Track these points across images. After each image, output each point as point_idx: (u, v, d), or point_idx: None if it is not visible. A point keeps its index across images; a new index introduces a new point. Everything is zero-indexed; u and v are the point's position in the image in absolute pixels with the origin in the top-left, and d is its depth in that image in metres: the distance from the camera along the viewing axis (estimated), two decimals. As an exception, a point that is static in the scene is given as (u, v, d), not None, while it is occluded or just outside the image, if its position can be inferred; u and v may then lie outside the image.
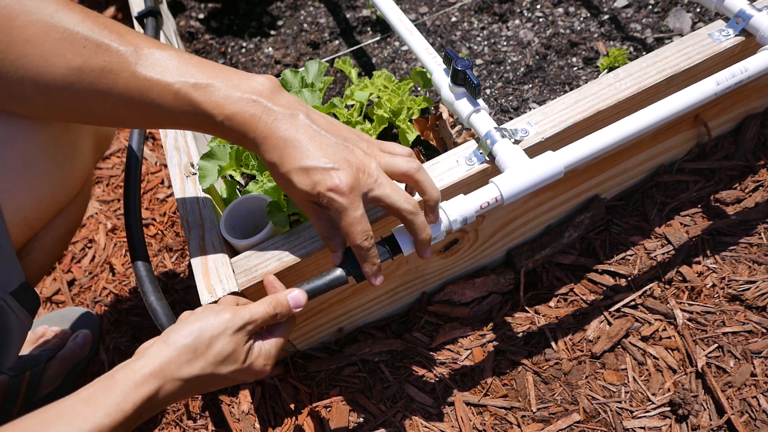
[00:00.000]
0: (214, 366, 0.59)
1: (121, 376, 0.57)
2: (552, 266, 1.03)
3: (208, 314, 0.61)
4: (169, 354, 0.58)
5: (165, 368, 0.58)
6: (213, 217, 0.82)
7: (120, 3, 1.79)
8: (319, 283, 0.67)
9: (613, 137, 0.72)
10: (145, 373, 0.57)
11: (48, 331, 1.09)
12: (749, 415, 0.84)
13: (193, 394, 0.62)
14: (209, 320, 0.60)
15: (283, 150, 0.62)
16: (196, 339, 0.59)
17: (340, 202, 0.61)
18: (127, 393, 0.56)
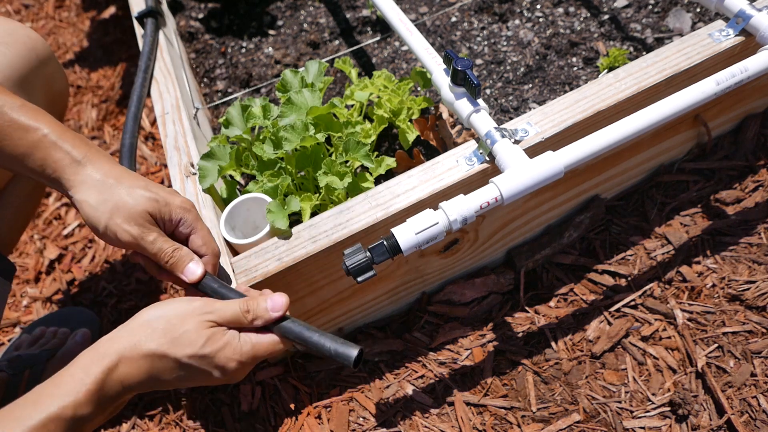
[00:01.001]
0: (170, 345, 0.57)
1: (83, 355, 0.56)
2: (552, 266, 1.03)
3: (180, 300, 0.61)
4: (130, 328, 0.58)
5: (124, 341, 0.57)
6: (213, 217, 0.82)
7: (120, 3, 1.79)
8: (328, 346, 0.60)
9: (613, 137, 0.72)
10: (106, 347, 0.56)
11: (47, 331, 1.09)
12: (749, 415, 0.84)
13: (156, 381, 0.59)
14: (179, 304, 0.60)
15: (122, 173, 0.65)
16: (159, 318, 0.58)
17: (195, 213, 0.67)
18: (87, 367, 0.55)
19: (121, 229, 0.62)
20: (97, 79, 1.63)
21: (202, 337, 0.58)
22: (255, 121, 0.90)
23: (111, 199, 0.62)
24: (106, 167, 0.64)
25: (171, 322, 0.58)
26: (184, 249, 0.66)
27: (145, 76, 0.99)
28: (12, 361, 1.01)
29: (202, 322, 0.59)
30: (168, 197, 0.65)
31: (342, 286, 0.87)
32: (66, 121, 1.54)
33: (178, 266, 0.65)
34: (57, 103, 0.89)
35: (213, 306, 0.60)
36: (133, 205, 0.62)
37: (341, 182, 0.82)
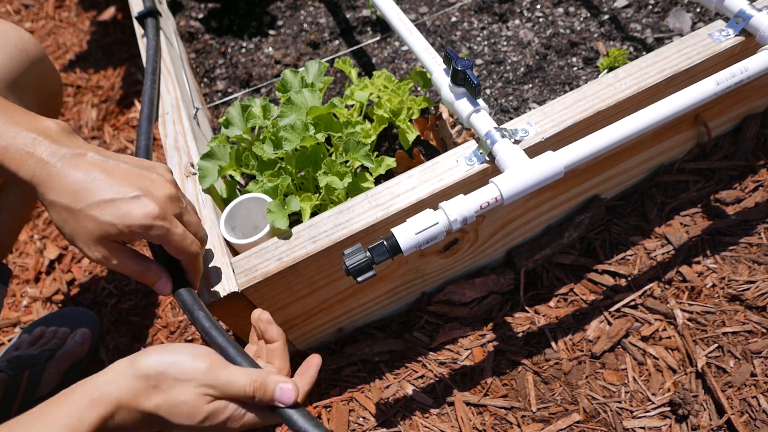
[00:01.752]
0: (168, 410, 0.54)
1: (80, 392, 0.54)
2: (552, 266, 1.03)
3: (185, 352, 0.57)
4: (130, 378, 0.55)
5: (123, 393, 0.54)
6: (213, 217, 0.82)
7: (120, 3, 1.79)
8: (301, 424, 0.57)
9: (613, 137, 0.72)
10: (103, 392, 0.53)
11: (47, 331, 1.09)
12: (749, 415, 0.84)
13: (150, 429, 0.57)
14: (183, 359, 0.56)
15: (76, 187, 0.57)
16: (161, 373, 0.55)
17: (160, 226, 0.59)
18: (81, 413, 0.52)
19: (86, 252, 0.59)
20: (97, 79, 1.63)
21: (201, 413, 0.55)
22: (255, 121, 0.90)
23: (68, 222, 0.58)
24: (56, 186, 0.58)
25: (170, 384, 0.55)
26: (152, 267, 0.63)
27: (154, 78, 0.99)
28: (12, 362, 1.01)
29: (202, 396, 0.55)
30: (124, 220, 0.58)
31: (342, 286, 0.87)
32: (66, 121, 1.54)
33: (149, 283, 0.64)
34: (51, 103, 0.89)
35: (218, 379, 0.56)
36: (90, 229, 0.58)
37: (341, 182, 0.82)
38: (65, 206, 0.58)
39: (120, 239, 0.60)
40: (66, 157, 0.58)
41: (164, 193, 0.61)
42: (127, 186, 0.59)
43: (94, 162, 0.60)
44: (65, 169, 0.58)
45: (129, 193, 0.59)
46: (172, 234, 0.61)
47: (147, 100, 0.94)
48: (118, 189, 0.59)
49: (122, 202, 0.58)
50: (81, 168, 0.58)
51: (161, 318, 1.14)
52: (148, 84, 0.97)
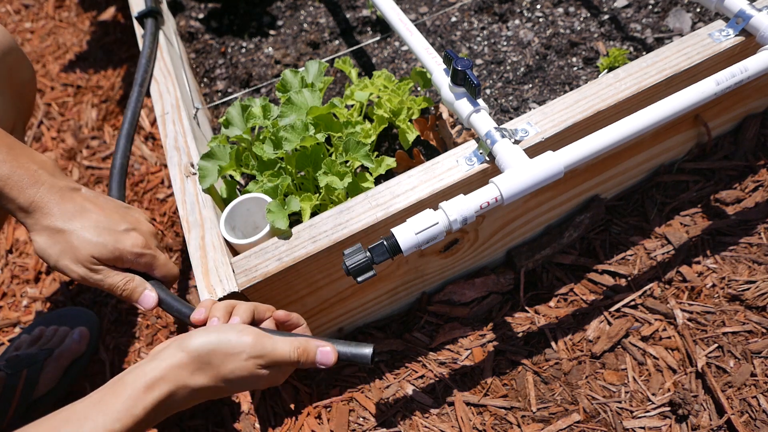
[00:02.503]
0: (225, 382, 0.59)
1: (131, 379, 0.56)
2: (552, 266, 1.03)
3: (228, 330, 0.60)
4: (181, 359, 0.58)
5: (177, 374, 0.57)
6: (213, 217, 0.82)
7: (120, 3, 1.79)
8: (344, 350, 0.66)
9: (613, 137, 0.72)
10: (155, 376, 0.56)
11: (47, 330, 1.09)
12: (749, 415, 0.84)
13: (203, 400, 0.61)
14: (229, 336, 0.60)
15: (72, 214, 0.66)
16: (211, 351, 0.58)
17: (150, 254, 0.70)
18: (137, 396, 0.55)
19: (69, 269, 0.66)
20: (97, 79, 1.63)
21: (253, 379, 0.60)
22: (255, 121, 0.90)
23: (58, 243, 0.65)
24: (54, 211, 0.66)
25: (221, 360, 0.59)
26: (135, 279, 0.69)
27: (141, 90, 0.98)
28: (10, 361, 1.01)
29: (253, 365, 0.60)
30: (116, 243, 0.67)
31: (342, 286, 0.87)
32: (66, 121, 1.54)
33: (132, 297, 0.69)
34: (23, 92, 0.89)
35: (264, 347, 0.60)
36: (80, 248, 0.65)
37: (341, 182, 0.82)
38: (59, 229, 0.65)
39: (107, 261, 0.67)
40: (63, 190, 0.67)
41: (148, 229, 0.72)
42: (118, 220, 0.68)
43: (87, 197, 0.69)
44: (63, 199, 0.66)
45: (120, 225, 0.68)
46: (158, 259, 0.71)
47: (130, 115, 0.93)
48: (110, 221, 0.68)
49: (115, 232, 0.67)
50: (77, 201, 0.67)
51: (161, 318, 1.14)
52: (134, 97, 0.97)
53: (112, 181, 0.84)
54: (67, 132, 1.52)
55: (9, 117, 0.83)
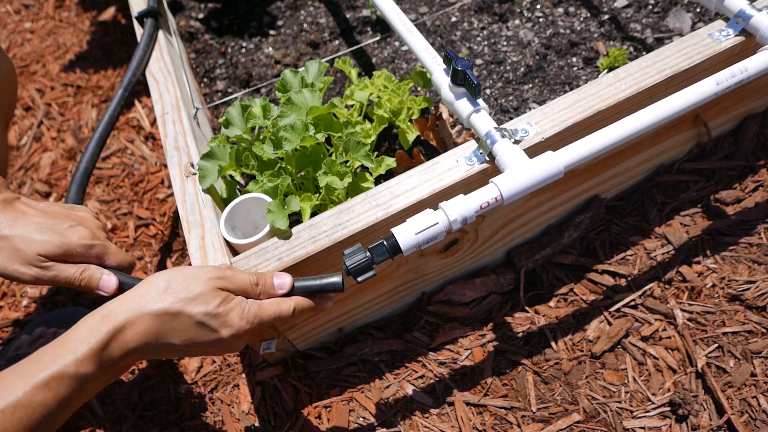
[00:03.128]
0: (183, 303, 0.58)
1: (90, 315, 0.57)
2: (552, 266, 1.03)
3: (191, 267, 0.63)
4: (138, 290, 0.58)
5: (132, 303, 0.57)
6: (213, 217, 0.82)
7: (120, 3, 1.79)
8: (312, 283, 0.68)
9: (613, 137, 0.72)
10: (112, 308, 0.57)
11: (48, 332, 1.09)
12: (749, 415, 0.84)
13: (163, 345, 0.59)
14: (190, 269, 0.61)
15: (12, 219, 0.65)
16: (170, 279, 0.59)
17: (100, 244, 0.68)
18: (93, 327, 0.56)
19: (20, 273, 0.64)
20: (97, 79, 1.63)
21: (216, 298, 0.59)
22: (255, 121, 0.90)
23: (3, 249, 0.64)
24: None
25: (183, 283, 0.59)
26: (91, 267, 0.68)
27: (124, 94, 0.97)
28: (10, 361, 1.01)
29: (215, 286, 0.60)
30: (64, 236, 0.66)
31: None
32: (66, 121, 1.54)
33: (91, 285, 0.67)
34: (5, 87, 0.89)
35: (224, 273, 0.62)
36: (24, 249, 0.64)
37: (341, 182, 0.82)
38: (2, 236, 0.64)
39: (55, 258, 0.65)
40: (6, 200, 0.67)
41: (94, 223, 0.71)
42: (62, 219, 0.67)
43: (27, 203, 0.68)
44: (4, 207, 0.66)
45: (64, 223, 0.67)
46: (109, 248, 0.69)
47: (106, 119, 0.92)
48: (53, 221, 0.67)
49: (59, 230, 0.66)
50: (17, 208, 0.67)
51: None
52: (116, 99, 0.95)
53: (72, 183, 0.83)
54: (67, 132, 1.52)
55: None
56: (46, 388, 0.52)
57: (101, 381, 0.57)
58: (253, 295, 0.64)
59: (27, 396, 0.52)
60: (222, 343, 0.61)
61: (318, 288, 0.68)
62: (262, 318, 0.62)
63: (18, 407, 0.51)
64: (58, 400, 0.53)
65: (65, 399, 0.54)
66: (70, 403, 0.54)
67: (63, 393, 0.53)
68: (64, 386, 0.53)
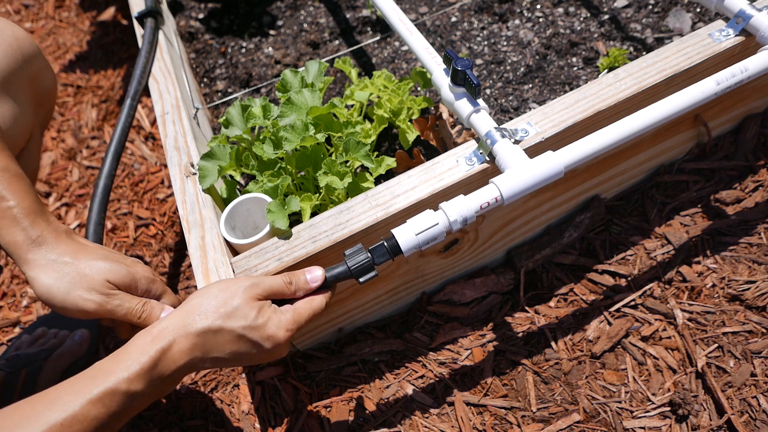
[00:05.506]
0: (225, 319, 0.61)
1: (139, 335, 0.60)
2: (552, 266, 1.03)
3: (224, 280, 0.65)
4: (182, 311, 0.61)
5: (178, 323, 0.60)
6: (213, 217, 0.82)
7: (120, 3, 1.79)
8: (336, 271, 0.68)
9: (613, 137, 0.72)
10: (160, 328, 0.60)
11: (48, 332, 1.09)
12: (749, 415, 0.84)
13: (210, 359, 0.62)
14: (225, 283, 0.64)
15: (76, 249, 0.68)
16: (209, 297, 0.62)
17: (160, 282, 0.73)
18: (143, 347, 0.58)
19: (83, 300, 0.65)
20: (97, 79, 1.63)
21: (253, 310, 0.62)
22: (255, 121, 0.90)
23: (68, 274, 0.65)
24: (61, 247, 0.67)
25: (221, 298, 0.62)
26: (152, 301, 0.70)
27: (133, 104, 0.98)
28: (10, 360, 1.01)
29: (250, 297, 0.63)
30: (130, 267, 0.69)
31: (342, 286, 0.87)
32: (66, 121, 1.54)
33: (151, 318, 0.69)
34: (44, 100, 0.90)
35: (257, 280, 0.64)
36: (93, 275, 0.66)
37: (341, 182, 0.82)
38: (67, 262, 0.66)
39: (121, 284, 0.67)
40: (66, 232, 0.69)
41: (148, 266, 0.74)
42: (120, 256, 0.70)
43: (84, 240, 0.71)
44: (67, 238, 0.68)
45: (126, 259, 0.70)
46: (168, 290, 0.73)
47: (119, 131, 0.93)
48: (117, 255, 0.70)
49: (123, 262, 0.69)
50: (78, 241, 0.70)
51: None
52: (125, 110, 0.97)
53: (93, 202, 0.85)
54: (67, 132, 1.52)
55: (27, 123, 0.83)
56: (100, 403, 0.56)
57: (151, 396, 0.60)
58: (288, 295, 0.66)
59: (83, 411, 0.55)
60: (266, 353, 0.64)
61: (336, 277, 0.68)
62: (299, 322, 0.65)
63: (74, 421, 0.54)
64: (110, 415, 0.56)
65: (117, 413, 0.57)
66: (121, 417, 0.58)
67: (115, 408, 0.56)
68: (116, 402, 0.56)
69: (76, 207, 1.36)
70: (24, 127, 0.82)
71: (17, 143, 0.80)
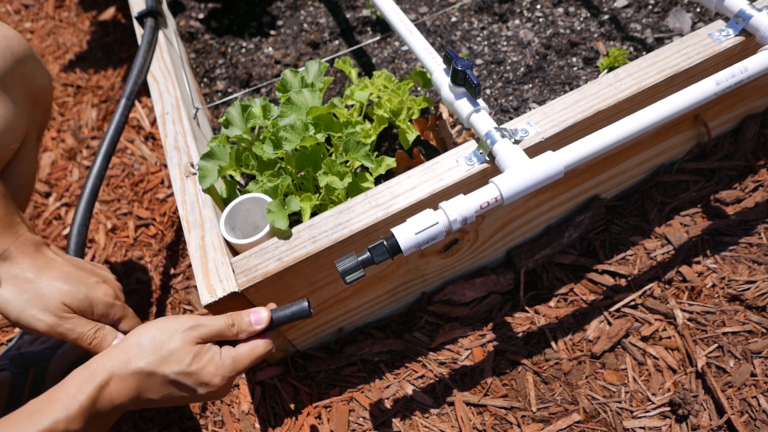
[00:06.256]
0: (159, 363, 0.59)
1: (77, 372, 0.59)
2: (552, 266, 1.03)
3: (169, 318, 0.63)
4: (119, 348, 0.60)
5: (114, 361, 0.59)
6: (213, 217, 0.82)
7: (120, 3, 1.79)
8: (283, 313, 0.67)
9: (613, 137, 0.72)
10: (97, 365, 0.59)
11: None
12: (749, 415, 0.84)
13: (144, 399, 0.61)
14: (167, 322, 0.62)
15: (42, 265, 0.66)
16: (147, 337, 0.61)
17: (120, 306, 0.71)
18: (80, 385, 0.57)
19: (35, 319, 0.64)
20: (97, 79, 1.63)
21: (188, 355, 0.60)
22: (255, 121, 0.90)
23: (26, 292, 0.64)
24: (26, 262, 0.66)
25: (159, 339, 0.60)
26: (105, 327, 0.68)
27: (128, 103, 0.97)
28: (15, 360, 1.01)
29: (188, 340, 0.61)
30: (90, 290, 0.67)
31: (342, 286, 0.87)
32: (66, 121, 1.54)
33: (102, 347, 0.67)
34: (39, 101, 0.89)
35: (199, 321, 0.62)
36: (49, 296, 0.65)
37: (341, 182, 0.82)
38: (28, 279, 0.65)
39: (77, 310, 0.66)
40: (36, 244, 0.67)
41: (116, 285, 0.73)
42: (88, 273, 0.68)
43: (56, 252, 0.69)
44: (34, 252, 0.66)
45: (91, 278, 0.68)
46: (128, 311, 0.71)
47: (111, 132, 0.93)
48: (80, 273, 0.68)
49: (86, 283, 0.67)
50: (47, 255, 0.68)
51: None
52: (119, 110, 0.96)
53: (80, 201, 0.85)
54: (67, 132, 1.52)
55: (20, 125, 0.82)
56: None
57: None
58: (230, 337, 0.64)
59: None
60: (200, 397, 0.63)
61: (290, 316, 0.67)
62: (237, 370, 0.63)
63: None
64: None
65: None
66: None
67: None
68: None
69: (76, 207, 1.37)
70: (17, 129, 0.81)
71: (10, 145, 0.80)
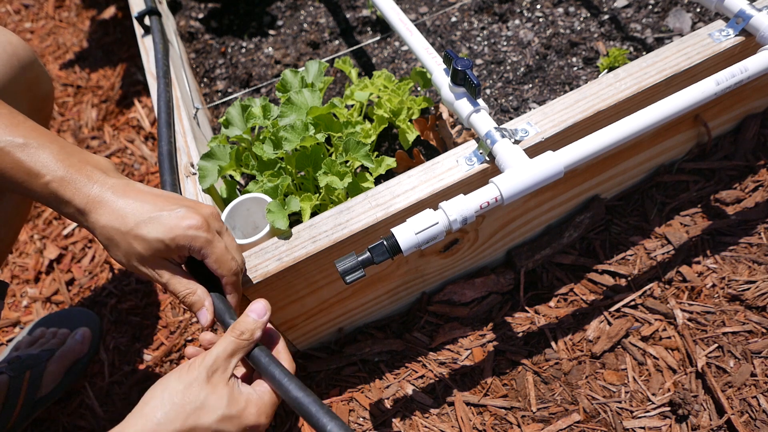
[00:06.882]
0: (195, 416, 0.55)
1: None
2: (552, 266, 1.03)
3: (178, 371, 0.58)
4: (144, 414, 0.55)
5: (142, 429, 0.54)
6: (213, 217, 0.82)
7: (120, 3, 1.79)
8: None
9: (613, 137, 0.72)
10: None
11: (47, 332, 1.09)
12: (749, 415, 0.84)
13: None
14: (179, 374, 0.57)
15: (126, 211, 0.61)
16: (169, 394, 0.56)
17: (203, 237, 0.61)
18: None
19: (139, 271, 0.63)
20: (97, 79, 1.63)
21: (223, 398, 0.56)
22: (255, 121, 0.90)
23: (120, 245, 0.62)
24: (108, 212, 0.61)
25: (184, 394, 0.56)
26: (197, 292, 0.64)
27: (167, 81, 0.96)
28: (12, 362, 1.01)
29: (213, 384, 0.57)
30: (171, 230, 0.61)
31: (342, 286, 0.87)
32: (66, 121, 1.54)
33: (193, 309, 0.65)
34: (42, 107, 0.89)
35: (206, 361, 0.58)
36: (141, 249, 0.61)
37: (341, 182, 0.82)
38: (116, 228, 0.61)
39: (168, 255, 0.62)
40: (116, 186, 0.62)
41: (208, 211, 0.64)
42: (174, 204, 0.62)
43: (141, 189, 0.64)
44: (116, 196, 0.62)
45: (175, 209, 0.62)
46: (214, 246, 0.63)
47: (164, 104, 0.91)
48: (165, 206, 0.62)
49: (168, 217, 0.61)
50: (130, 195, 0.62)
51: (161, 318, 1.14)
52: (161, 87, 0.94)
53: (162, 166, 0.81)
54: (67, 132, 1.52)
55: None
56: None
57: None
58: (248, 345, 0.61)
59: None
60: None
61: None
62: (277, 401, 0.61)
63: None
64: None
65: None
66: None
67: None
68: None
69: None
70: None
71: None
